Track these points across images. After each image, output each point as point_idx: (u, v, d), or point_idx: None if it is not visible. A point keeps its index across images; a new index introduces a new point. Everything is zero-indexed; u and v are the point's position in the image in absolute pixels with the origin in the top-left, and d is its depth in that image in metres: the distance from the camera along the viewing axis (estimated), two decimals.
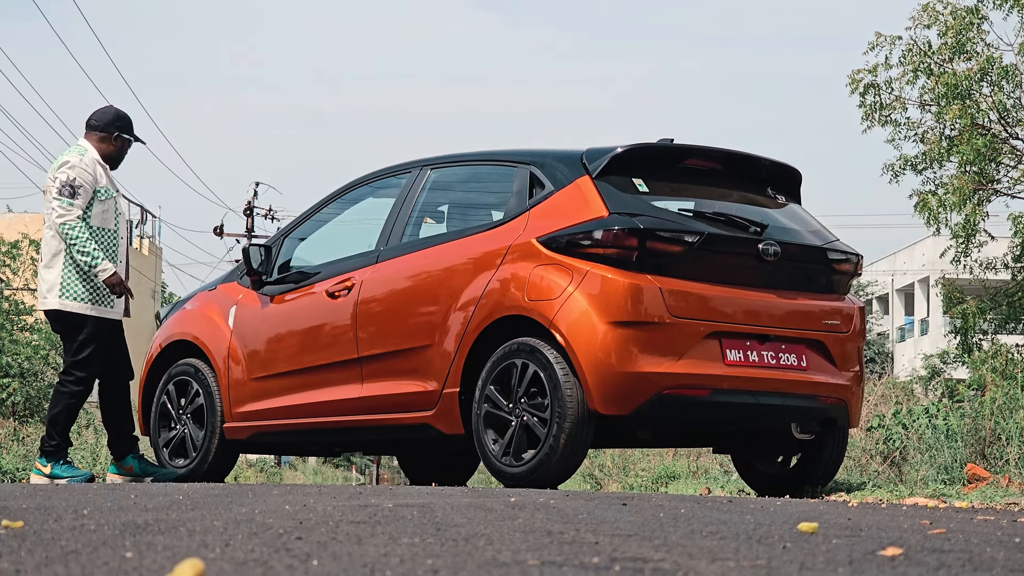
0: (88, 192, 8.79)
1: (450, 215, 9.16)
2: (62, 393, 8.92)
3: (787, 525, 4.49)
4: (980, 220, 21.10)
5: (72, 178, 8.76)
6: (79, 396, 8.95)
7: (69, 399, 8.92)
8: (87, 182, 8.78)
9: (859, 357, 8.50)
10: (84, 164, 8.81)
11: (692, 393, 7.77)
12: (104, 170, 8.92)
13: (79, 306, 8.83)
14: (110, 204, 8.90)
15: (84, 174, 8.78)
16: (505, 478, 7.97)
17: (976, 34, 20.83)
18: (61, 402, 8.92)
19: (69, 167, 8.79)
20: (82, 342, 8.87)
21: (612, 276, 7.72)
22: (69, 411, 8.95)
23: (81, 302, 8.83)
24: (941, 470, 10.04)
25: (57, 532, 3.63)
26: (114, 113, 9.07)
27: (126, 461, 9.24)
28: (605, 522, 4.45)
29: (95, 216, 8.84)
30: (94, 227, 8.84)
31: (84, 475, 9.00)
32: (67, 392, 8.91)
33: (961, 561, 3.29)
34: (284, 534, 3.67)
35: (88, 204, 8.81)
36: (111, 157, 9.02)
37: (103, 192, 8.85)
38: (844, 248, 8.56)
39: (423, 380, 8.43)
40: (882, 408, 14.67)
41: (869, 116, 21.47)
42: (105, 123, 9.00)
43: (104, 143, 8.99)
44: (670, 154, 8.45)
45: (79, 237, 8.71)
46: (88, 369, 8.90)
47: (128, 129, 9.08)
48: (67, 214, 8.73)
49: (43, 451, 9.03)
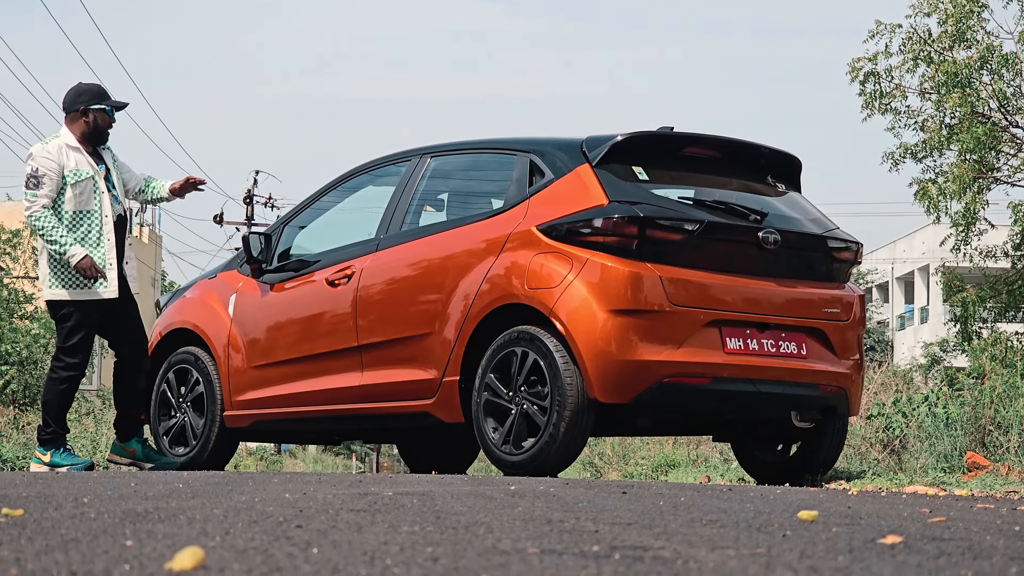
0: (54, 179, 8.71)
1: (450, 203, 9.15)
2: (53, 379, 8.91)
3: (787, 513, 4.49)
4: (980, 208, 21.09)
5: (35, 168, 8.72)
6: (70, 381, 8.93)
7: (60, 384, 8.90)
8: (51, 170, 8.70)
9: (859, 345, 8.50)
10: (46, 152, 8.73)
11: (692, 381, 7.77)
12: (77, 151, 8.81)
13: (63, 293, 8.80)
14: (86, 185, 8.79)
15: (46, 162, 8.71)
16: (505, 466, 7.97)
17: (976, 22, 20.81)
18: (53, 388, 8.91)
19: (32, 158, 8.76)
20: (71, 328, 8.84)
21: (612, 264, 7.72)
22: (61, 396, 8.94)
23: (64, 289, 8.79)
24: (941, 458, 10.05)
25: (57, 520, 3.63)
26: (76, 90, 8.97)
27: (130, 444, 9.22)
28: (605, 510, 4.45)
29: (68, 200, 8.76)
30: (70, 211, 8.76)
31: (84, 463, 8.99)
32: (57, 378, 8.90)
33: (961, 549, 3.29)
34: (284, 522, 3.67)
35: (61, 190, 8.75)
36: (90, 134, 8.91)
37: (72, 175, 8.75)
38: (844, 236, 8.56)
39: (423, 368, 8.42)
40: (882, 396, 14.68)
41: (869, 104, 21.44)
42: (70, 102, 8.92)
43: (76, 122, 8.90)
44: (670, 142, 8.44)
45: (44, 227, 8.67)
46: (77, 354, 8.87)
47: (96, 100, 8.92)
48: (31, 205, 8.71)
49: (40, 439, 9.03)
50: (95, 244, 8.82)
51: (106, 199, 8.87)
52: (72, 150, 8.82)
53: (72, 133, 8.88)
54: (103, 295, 8.83)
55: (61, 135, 8.87)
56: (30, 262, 26.25)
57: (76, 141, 8.86)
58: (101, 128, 8.94)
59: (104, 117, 8.93)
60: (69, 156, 8.79)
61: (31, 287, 26.44)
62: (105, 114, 8.93)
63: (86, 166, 8.84)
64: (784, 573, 2.72)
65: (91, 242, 8.81)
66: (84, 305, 8.84)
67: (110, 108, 8.95)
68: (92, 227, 8.81)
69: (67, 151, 8.79)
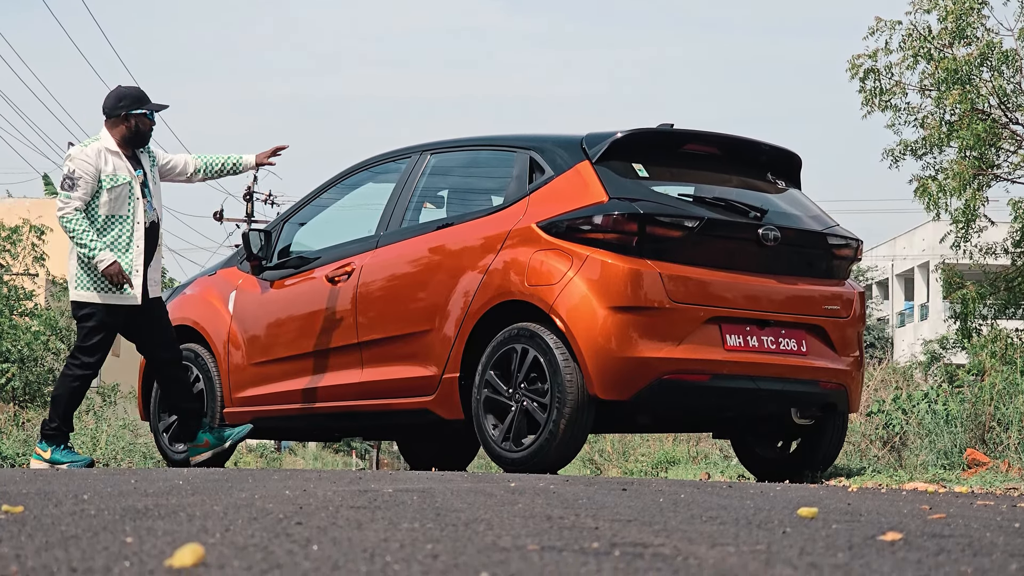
0: (89, 182, 8.68)
1: (450, 200, 9.15)
2: (66, 376, 8.91)
3: (787, 510, 4.49)
4: (980, 205, 21.06)
5: (72, 170, 8.70)
6: (83, 380, 8.93)
7: (72, 382, 8.90)
8: (87, 172, 8.68)
9: (859, 342, 8.50)
10: (84, 155, 8.71)
11: (692, 378, 7.77)
12: (116, 156, 8.79)
13: (89, 295, 8.78)
14: (121, 190, 8.76)
15: (83, 164, 8.69)
16: (505, 463, 7.97)
17: (976, 19, 20.77)
18: (64, 384, 8.92)
19: (70, 159, 8.75)
20: (91, 329, 8.82)
21: (612, 261, 7.72)
22: (71, 394, 8.93)
23: (89, 291, 8.78)
24: (941, 455, 10.05)
25: (57, 517, 3.63)
26: (116, 94, 8.95)
27: (199, 438, 9.15)
28: (605, 507, 4.45)
29: (103, 204, 8.74)
30: (102, 215, 8.74)
31: (84, 460, 8.98)
32: (71, 375, 8.90)
33: (961, 546, 3.29)
34: (284, 519, 3.67)
35: (96, 193, 8.73)
36: (130, 138, 8.87)
37: (109, 179, 8.73)
38: (844, 233, 8.56)
39: (423, 365, 8.43)
40: (882, 393, 14.68)
41: (869, 101, 21.41)
42: (111, 107, 8.90)
43: (116, 126, 8.88)
44: (670, 139, 8.44)
45: (75, 229, 8.67)
46: (94, 355, 8.86)
47: (137, 104, 8.90)
48: (64, 206, 8.70)
49: (44, 435, 9.03)
50: (124, 249, 8.79)
51: (140, 205, 8.83)
52: (111, 154, 8.78)
53: (112, 137, 8.85)
54: (127, 300, 8.80)
55: (101, 138, 8.84)
56: (29, 259, 26.23)
57: (116, 145, 8.82)
58: (142, 132, 8.91)
59: (145, 121, 8.90)
60: (108, 161, 8.76)
61: (31, 284, 26.42)
62: (146, 118, 8.90)
63: (124, 171, 8.80)
64: (784, 570, 2.72)
65: (120, 247, 8.78)
66: (108, 308, 8.81)
67: (151, 112, 8.94)
68: (123, 232, 8.78)
69: (106, 155, 8.77)
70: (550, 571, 2.63)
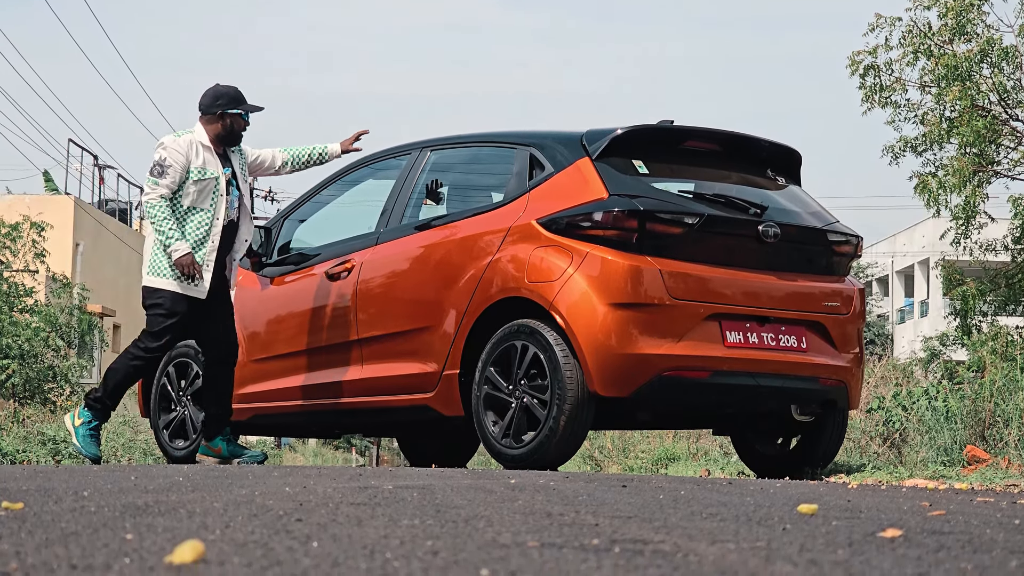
0: (178, 172, 8.68)
1: (450, 197, 9.15)
2: (128, 353, 8.87)
3: (787, 507, 4.49)
4: (980, 202, 21.05)
5: (163, 158, 8.70)
6: (145, 362, 8.88)
7: (132, 360, 8.86)
8: (177, 162, 8.68)
9: (859, 339, 8.50)
10: (177, 145, 8.72)
11: (692, 375, 7.78)
12: (207, 151, 8.78)
13: (160, 281, 8.75)
14: (207, 184, 8.74)
15: (175, 154, 8.69)
16: (505, 460, 7.97)
17: (976, 15, 20.76)
18: (123, 361, 8.88)
19: (163, 147, 8.73)
20: (159, 315, 8.79)
21: (612, 258, 7.72)
22: (126, 373, 8.89)
23: (162, 277, 8.75)
24: (941, 452, 10.04)
25: (57, 514, 3.63)
26: (214, 93, 8.92)
27: (215, 442, 9.07)
28: (605, 504, 4.45)
29: (187, 196, 8.73)
30: (184, 206, 8.73)
31: (93, 454, 8.95)
32: (132, 354, 8.86)
33: (961, 543, 3.29)
34: (284, 516, 3.67)
35: (182, 184, 8.72)
36: (223, 136, 8.87)
37: (197, 172, 8.72)
38: (844, 230, 8.55)
39: (423, 362, 8.43)
40: (882, 390, 14.67)
41: (869, 98, 21.40)
42: (207, 104, 8.88)
43: (211, 124, 8.87)
44: (670, 136, 8.44)
45: (156, 216, 8.66)
46: (158, 340, 8.81)
47: (233, 104, 8.88)
48: (150, 192, 8.69)
49: (87, 402, 8.98)
50: (200, 243, 8.75)
51: (222, 202, 8.81)
52: (203, 148, 8.78)
53: (206, 133, 8.84)
54: (193, 292, 8.75)
55: (195, 132, 8.84)
56: (29, 255, 26.21)
57: (208, 140, 8.83)
58: (236, 132, 8.91)
59: (239, 121, 8.90)
60: (199, 154, 8.76)
61: (31, 280, 26.39)
62: (241, 118, 8.90)
63: (213, 166, 8.79)
64: (784, 566, 2.72)
65: (196, 240, 8.74)
66: (176, 297, 8.76)
67: (246, 112, 8.92)
68: (201, 225, 8.75)
69: (197, 148, 8.76)
70: (550, 568, 2.63)
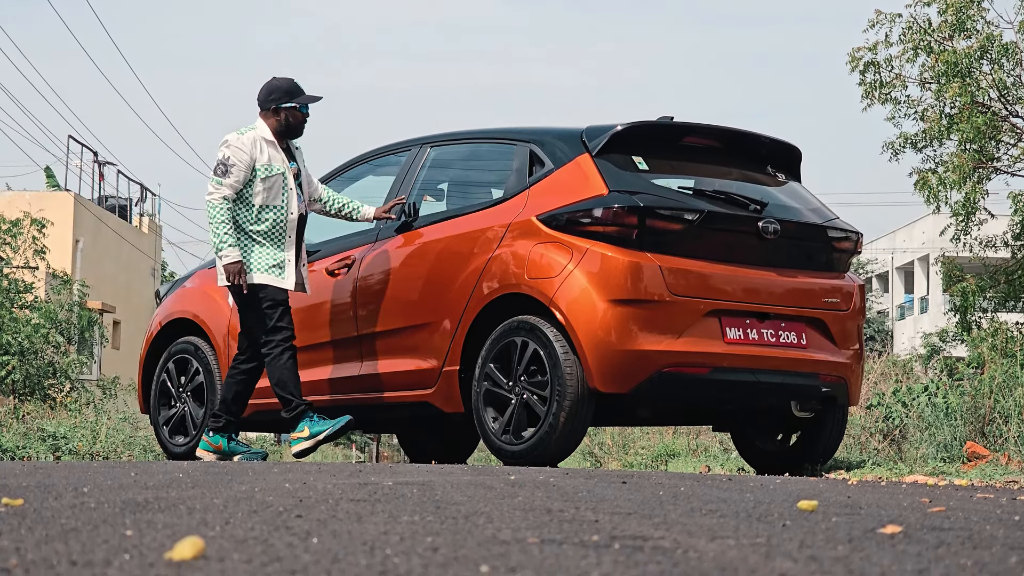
0: (242, 170, 8.55)
1: (450, 193, 9.15)
2: (271, 360, 8.62)
3: (787, 503, 4.49)
4: (980, 198, 21.04)
5: (226, 156, 8.57)
6: (289, 352, 8.61)
7: (279, 361, 8.61)
8: (241, 160, 8.55)
9: (859, 335, 8.50)
10: (240, 143, 8.59)
11: (692, 371, 7.78)
12: (271, 146, 8.67)
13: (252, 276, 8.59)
14: (276, 180, 8.62)
15: (239, 152, 8.56)
16: (505, 456, 7.98)
17: (976, 12, 20.75)
18: (276, 368, 8.62)
19: (226, 145, 8.61)
20: (264, 310, 8.62)
21: (612, 254, 7.72)
22: (290, 372, 8.62)
23: (252, 271, 8.60)
24: (940, 448, 10.04)
25: (57, 510, 3.63)
26: (268, 87, 8.80)
27: (215, 439, 8.93)
28: (605, 500, 4.45)
29: (258, 194, 8.60)
30: (257, 205, 8.60)
31: (341, 420, 8.60)
32: (274, 356, 8.62)
33: (960, 539, 3.29)
34: (284, 512, 3.67)
35: (250, 182, 8.60)
36: (282, 130, 8.76)
37: (264, 169, 8.60)
38: (844, 226, 8.56)
39: (423, 358, 8.43)
40: (882, 386, 14.67)
41: (869, 94, 21.39)
42: (262, 99, 8.78)
43: (268, 119, 8.76)
44: (670, 132, 8.44)
45: (215, 217, 8.52)
46: (280, 332, 8.61)
47: (287, 97, 8.75)
48: (213, 192, 8.56)
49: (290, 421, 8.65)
50: (278, 240, 8.63)
51: (293, 196, 8.70)
52: (267, 144, 8.66)
53: (268, 127, 8.73)
54: (283, 284, 8.62)
55: (257, 127, 8.72)
56: (30, 252, 26.19)
57: (271, 136, 8.71)
58: (294, 125, 8.77)
59: (296, 115, 8.76)
60: (263, 150, 8.64)
61: (31, 277, 26.38)
62: (297, 111, 8.76)
63: (278, 162, 8.67)
64: (784, 563, 2.72)
65: (275, 237, 8.62)
66: (271, 288, 8.62)
67: (303, 105, 8.79)
68: (277, 223, 8.64)
69: (261, 144, 8.64)
70: (550, 564, 2.63)
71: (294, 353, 8.65)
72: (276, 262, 8.64)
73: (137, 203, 42.56)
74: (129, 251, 39.83)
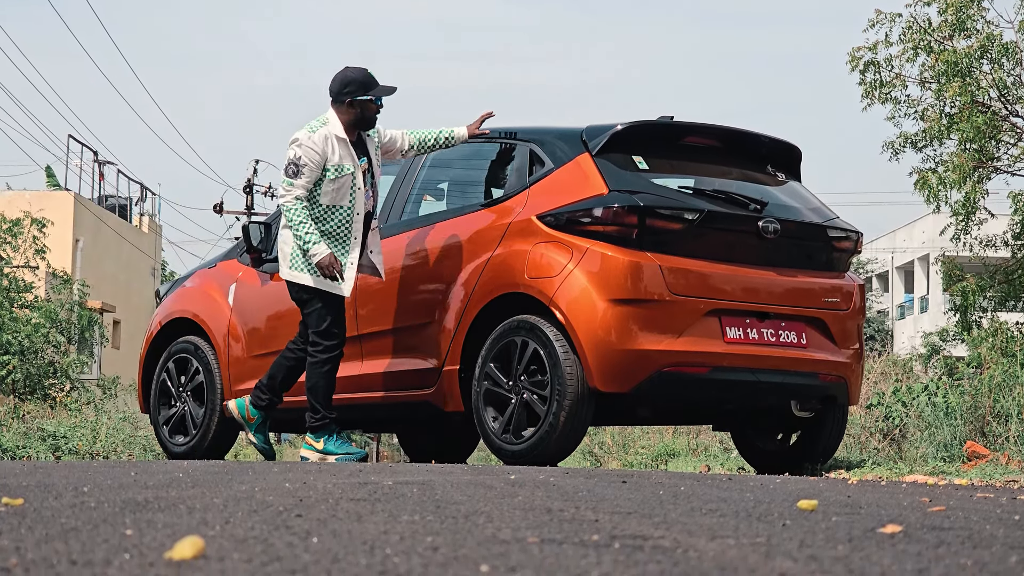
0: (314, 170, 8.36)
1: (450, 192, 9.15)
2: (313, 364, 8.53)
3: (787, 502, 4.49)
4: (980, 198, 21.04)
5: (298, 156, 8.36)
6: (331, 363, 8.53)
7: (320, 368, 8.51)
8: (312, 160, 8.35)
9: (859, 335, 8.50)
10: (312, 142, 8.38)
11: (692, 371, 7.78)
12: (343, 143, 8.45)
13: (305, 278, 8.45)
14: (344, 181, 8.41)
15: (310, 152, 8.36)
16: (505, 455, 7.98)
17: (976, 11, 20.75)
18: (315, 373, 8.52)
19: (297, 144, 8.40)
20: (318, 313, 8.48)
21: (612, 254, 7.72)
22: (326, 380, 8.54)
23: (303, 272, 8.46)
24: (940, 448, 10.04)
25: (57, 510, 3.63)
26: (342, 79, 8.56)
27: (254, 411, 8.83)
28: (605, 500, 4.45)
29: (325, 194, 8.40)
30: (323, 204, 8.41)
31: (358, 453, 8.60)
32: (317, 361, 8.51)
33: (961, 538, 3.29)
34: (284, 511, 3.67)
35: (318, 182, 8.41)
36: (354, 123, 8.54)
37: (334, 170, 8.38)
38: (844, 225, 8.56)
39: (423, 357, 8.43)
40: (882, 386, 14.67)
41: (869, 94, 21.39)
42: (336, 92, 8.54)
43: (342, 112, 8.53)
44: (670, 132, 8.44)
45: (293, 219, 8.34)
46: (332, 338, 8.49)
47: (362, 90, 8.51)
48: (286, 194, 8.38)
49: (311, 427, 8.61)
50: (342, 240, 8.46)
51: (360, 195, 8.47)
52: (338, 142, 8.44)
53: (339, 121, 8.51)
54: (336, 290, 8.47)
55: (328, 122, 8.49)
56: (30, 252, 26.20)
57: (343, 131, 8.48)
58: (368, 117, 8.55)
59: (370, 107, 8.55)
60: (335, 149, 8.42)
61: (31, 276, 26.38)
62: (372, 103, 8.56)
63: (348, 160, 8.44)
64: (784, 562, 2.72)
65: (339, 238, 8.46)
66: (324, 293, 8.49)
67: (378, 97, 8.59)
68: (342, 223, 8.44)
69: (333, 142, 8.42)
70: (550, 563, 2.63)
71: (336, 364, 8.56)
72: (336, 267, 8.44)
73: (137, 203, 42.56)
74: (129, 251, 39.84)
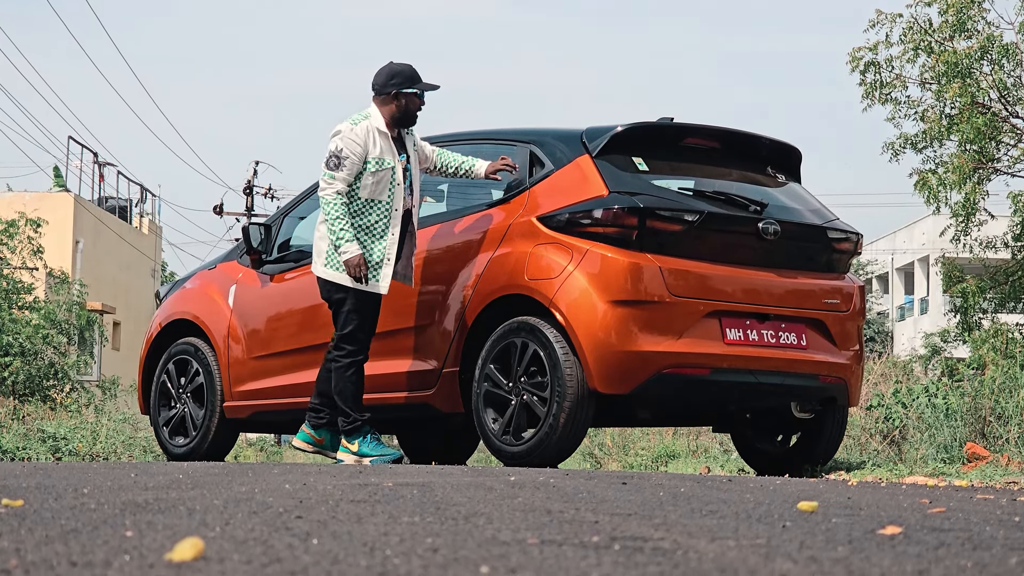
0: (355, 163, 8.28)
1: (450, 194, 9.15)
2: (338, 368, 8.44)
3: (787, 504, 4.49)
4: (980, 199, 21.04)
5: (339, 149, 8.30)
6: (356, 366, 8.45)
7: (345, 372, 8.42)
8: (354, 153, 8.28)
9: (859, 336, 8.50)
10: (354, 134, 8.32)
11: (692, 372, 7.78)
12: (384, 138, 8.39)
13: (339, 276, 8.36)
14: (384, 175, 8.34)
15: (352, 144, 8.29)
16: (505, 457, 7.98)
17: (977, 12, 20.75)
18: (340, 378, 8.44)
19: (339, 137, 8.34)
20: (346, 314, 8.40)
21: (612, 255, 7.72)
22: (353, 384, 8.46)
23: (339, 271, 8.37)
24: (941, 449, 10.04)
25: (57, 511, 3.63)
26: (388, 71, 8.51)
27: (320, 432, 8.77)
28: (605, 501, 4.45)
29: (365, 188, 8.33)
30: (362, 198, 8.34)
31: (392, 455, 8.49)
32: (340, 366, 8.42)
33: (960, 540, 3.29)
34: (284, 513, 3.67)
35: (359, 175, 8.33)
36: (399, 117, 8.47)
37: (375, 163, 8.32)
38: (844, 227, 8.56)
39: (423, 359, 8.43)
40: (882, 387, 14.67)
41: (869, 94, 21.39)
42: (381, 84, 8.48)
43: (386, 104, 8.47)
44: (670, 133, 8.44)
45: (331, 213, 8.28)
46: (355, 342, 8.41)
47: (408, 83, 8.46)
48: (327, 187, 8.31)
49: (344, 431, 8.52)
50: (379, 237, 8.37)
51: (399, 191, 8.40)
52: (380, 135, 8.38)
53: (382, 115, 8.45)
54: (374, 289, 8.37)
55: (370, 116, 8.44)
56: (27, 252, 26.18)
57: (385, 125, 8.42)
58: (411, 112, 8.49)
59: (415, 101, 8.49)
60: (376, 143, 8.36)
61: (30, 277, 26.37)
62: (416, 98, 8.49)
63: (389, 155, 8.39)
64: (784, 563, 2.72)
65: (376, 234, 8.36)
66: (359, 293, 8.39)
67: (421, 92, 8.53)
68: (380, 218, 8.36)
69: (375, 136, 8.36)
70: (550, 565, 2.63)
71: (361, 367, 8.49)
72: (374, 261, 8.38)
73: (137, 204, 42.56)
74: (129, 252, 39.84)
